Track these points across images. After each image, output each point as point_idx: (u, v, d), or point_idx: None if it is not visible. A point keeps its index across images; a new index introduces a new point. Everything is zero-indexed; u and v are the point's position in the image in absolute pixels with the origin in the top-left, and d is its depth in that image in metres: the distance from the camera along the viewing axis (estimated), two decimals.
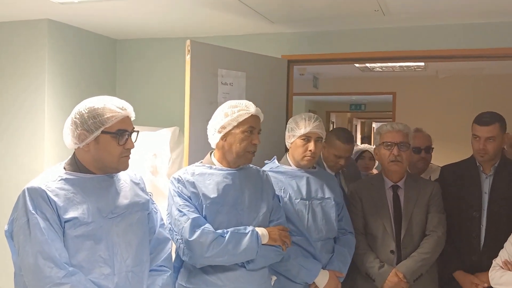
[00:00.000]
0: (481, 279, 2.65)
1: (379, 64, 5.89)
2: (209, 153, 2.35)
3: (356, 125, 15.41)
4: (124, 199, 1.91)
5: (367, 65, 5.95)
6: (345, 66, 6.11)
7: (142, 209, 1.97)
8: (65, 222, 1.73)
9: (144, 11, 3.31)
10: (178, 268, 2.25)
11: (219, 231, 2.13)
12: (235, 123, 2.22)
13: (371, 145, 4.56)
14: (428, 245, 2.62)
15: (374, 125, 17.33)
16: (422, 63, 5.67)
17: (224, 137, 2.25)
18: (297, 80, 6.43)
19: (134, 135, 1.90)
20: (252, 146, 2.24)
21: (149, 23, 3.67)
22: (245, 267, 2.19)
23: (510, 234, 2.51)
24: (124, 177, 1.98)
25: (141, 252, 1.91)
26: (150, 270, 1.95)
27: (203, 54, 2.93)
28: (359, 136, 14.65)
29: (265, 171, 2.47)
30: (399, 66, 5.98)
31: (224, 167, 2.28)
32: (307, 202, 2.53)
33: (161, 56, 4.07)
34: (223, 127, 2.23)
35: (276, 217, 2.35)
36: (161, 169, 3.22)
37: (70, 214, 1.73)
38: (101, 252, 1.78)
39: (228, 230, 2.14)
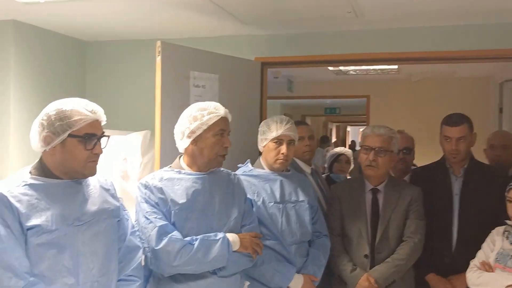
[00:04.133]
0: (454, 284, 2.65)
1: (353, 68, 5.92)
2: (178, 157, 2.29)
3: (331, 129, 15.52)
4: (92, 206, 1.83)
5: (341, 68, 5.97)
6: (319, 69, 6.12)
7: (111, 216, 1.90)
8: (27, 229, 1.65)
9: (113, 11, 3.23)
10: (147, 277, 2.18)
11: (188, 238, 2.07)
12: (205, 127, 2.16)
13: (346, 148, 4.60)
14: (404, 251, 2.60)
15: (349, 128, 17.49)
16: (396, 66, 5.72)
17: (194, 142, 2.19)
18: (272, 83, 6.42)
19: (104, 139, 1.83)
20: (224, 149, 2.19)
21: (118, 24, 3.59)
22: (216, 274, 2.13)
23: (482, 236, 2.52)
24: (93, 183, 1.90)
25: (108, 261, 1.84)
26: (119, 280, 1.89)
27: (174, 55, 2.86)
28: (334, 140, 14.74)
29: (236, 174, 2.43)
30: (373, 69, 6.02)
31: (193, 172, 2.22)
32: (281, 205, 2.50)
33: (131, 58, 3.99)
34: (193, 132, 2.17)
35: (248, 221, 2.31)
36: (132, 174, 3.13)
37: (32, 222, 1.66)
38: (65, 261, 1.71)
39: (197, 237, 2.08)
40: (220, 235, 2.12)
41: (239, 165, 2.67)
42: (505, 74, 5.65)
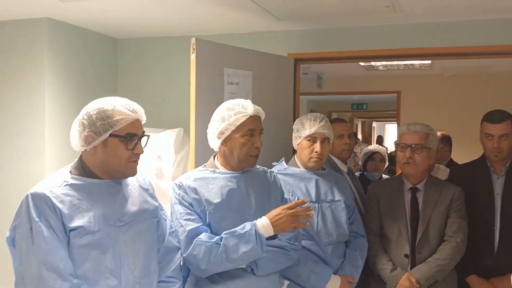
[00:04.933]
0: (496, 285, 2.58)
1: (384, 63, 5.82)
2: (212, 156, 2.27)
3: (356, 125, 15.35)
4: (132, 206, 1.82)
5: (372, 63, 5.88)
6: (350, 65, 6.04)
7: (151, 216, 1.89)
8: (70, 230, 1.64)
9: (146, 8, 3.22)
10: (185, 278, 2.15)
11: (215, 238, 2.01)
12: (233, 128, 2.10)
13: (382, 146, 4.51)
14: (446, 251, 2.53)
15: (374, 124, 17.28)
16: (429, 61, 5.60)
17: (224, 143, 2.15)
18: (301, 79, 6.37)
19: (144, 139, 1.81)
20: (254, 149, 2.14)
21: (151, 21, 3.58)
22: (254, 273, 2.08)
23: None
24: (132, 183, 1.89)
25: (149, 262, 1.82)
26: (159, 282, 1.87)
27: (209, 52, 2.84)
28: (360, 136, 14.57)
29: (272, 172, 2.38)
30: (404, 64, 5.91)
31: (227, 171, 2.19)
32: (317, 205, 2.46)
33: (164, 55, 3.99)
34: (222, 133, 2.13)
35: None
36: (166, 172, 3.13)
37: (75, 223, 1.64)
38: (108, 263, 1.69)
39: (222, 236, 2.01)
40: (247, 226, 2.02)
41: (274, 163, 2.64)
42: None
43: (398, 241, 2.60)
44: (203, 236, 2.00)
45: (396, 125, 8.14)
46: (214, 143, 2.19)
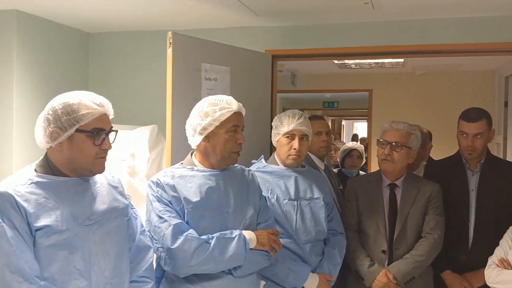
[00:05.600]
0: (470, 281, 2.61)
1: (357, 61, 5.85)
2: (189, 154, 2.21)
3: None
4: (101, 205, 1.75)
5: (346, 61, 5.90)
6: (324, 63, 6.06)
7: (121, 215, 1.82)
8: (36, 230, 1.56)
9: (120, 1, 3.14)
10: (159, 279, 2.10)
11: (204, 236, 1.98)
12: (217, 123, 2.06)
13: (358, 143, 4.57)
14: (423, 247, 2.55)
15: (344, 122, 17.47)
16: (401, 60, 5.66)
17: (206, 139, 2.10)
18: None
19: (112, 135, 1.74)
20: (238, 146, 2.10)
21: (125, 15, 3.49)
22: (232, 274, 2.04)
23: (499, 232, 2.48)
24: (100, 180, 1.81)
25: (120, 262, 1.76)
26: (131, 282, 1.81)
27: (186, 47, 2.77)
28: None
29: (250, 170, 2.34)
30: (375, 63, 5.96)
31: (206, 168, 2.13)
32: (296, 202, 2.43)
33: (138, 50, 3.90)
34: (204, 128, 2.08)
35: (264, 218, 2.23)
36: (140, 170, 3.04)
37: (42, 222, 1.57)
38: (77, 263, 1.62)
39: (213, 235, 2.00)
40: (236, 232, 2.04)
41: (253, 161, 2.60)
42: (511, 68, 5.59)
43: (376, 237, 2.60)
44: (194, 232, 1.96)
45: (366, 123, 8.21)
46: (194, 139, 2.12)
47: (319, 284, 2.37)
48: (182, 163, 2.18)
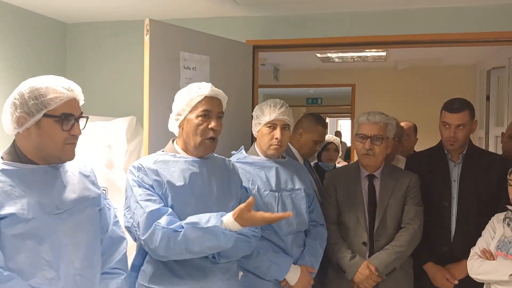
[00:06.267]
0: (452, 273, 2.60)
1: (340, 54, 5.83)
2: (171, 141, 2.16)
3: None
4: (71, 193, 1.69)
5: (329, 55, 5.87)
6: (306, 57, 6.02)
7: (93, 204, 1.76)
8: (1, 219, 1.50)
9: None
10: (138, 267, 2.04)
11: (175, 224, 1.87)
12: (189, 108, 2.03)
13: (336, 136, 4.54)
14: (403, 238, 2.53)
15: (328, 120, 17.48)
16: (383, 53, 5.65)
17: (181, 125, 2.07)
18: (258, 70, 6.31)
19: (82, 121, 1.68)
20: (209, 131, 2.02)
21: (103, 5, 3.40)
22: (216, 261, 2.00)
23: (481, 223, 2.47)
24: (72, 169, 1.75)
25: (91, 253, 1.70)
26: (102, 273, 1.76)
27: (164, 34, 2.70)
28: None
29: (231, 160, 2.30)
30: (358, 56, 5.94)
31: (189, 156, 2.08)
32: (277, 193, 2.40)
33: (117, 41, 3.81)
34: (179, 114, 2.06)
35: None
36: (117, 162, 2.97)
37: (6, 210, 1.51)
38: (45, 254, 1.56)
39: (183, 224, 1.88)
40: (212, 220, 1.89)
41: (233, 152, 2.55)
42: (492, 62, 5.62)
43: (356, 229, 2.58)
44: (163, 221, 1.87)
45: (349, 121, 8.20)
46: (172, 126, 2.11)
47: (301, 276, 2.34)
48: (163, 151, 2.13)
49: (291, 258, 2.35)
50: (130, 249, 1.96)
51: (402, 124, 3.45)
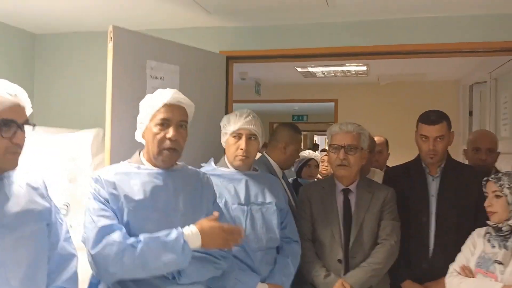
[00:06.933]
0: None
1: (321, 69, 5.77)
2: (137, 151, 2.04)
3: None
4: (14, 206, 1.55)
5: (309, 70, 5.82)
6: (287, 71, 5.97)
7: (39, 219, 1.63)
8: None
9: (65, 2, 2.99)
10: (96, 285, 1.90)
11: (131, 239, 1.76)
12: (149, 117, 1.94)
13: (316, 152, 4.44)
14: (380, 254, 2.43)
15: (316, 138, 17.44)
16: (364, 67, 5.61)
17: (143, 134, 1.98)
18: (239, 86, 6.23)
19: (28, 128, 1.56)
20: (167, 141, 1.91)
21: (71, 15, 3.33)
22: (176, 281, 1.84)
23: (460, 239, 2.38)
24: (19, 180, 1.62)
25: (34, 272, 1.56)
26: None
27: (129, 42, 2.59)
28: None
29: (206, 173, 2.17)
30: (341, 71, 5.89)
31: (154, 167, 1.96)
32: (246, 207, 2.28)
33: (85, 52, 3.71)
34: (141, 122, 1.98)
35: None
36: (81, 176, 2.83)
37: None
38: None
39: (141, 238, 1.77)
40: (173, 234, 1.79)
41: (202, 164, 2.43)
42: (474, 77, 5.60)
43: (332, 245, 2.48)
44: (116, 236, 1.75)
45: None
46: (137, 135, 2.02)
47: None
48: (129, 161, 2.01)
49: (258, 276, 2.22)
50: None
51: (375, 138, 3.41)
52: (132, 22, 3.36)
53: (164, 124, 1.91)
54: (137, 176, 1.90)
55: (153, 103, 1.93)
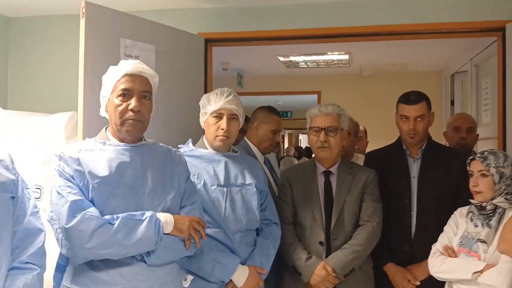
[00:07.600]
0: (414, 274, 2.47)
1: (303, 59, 5.72)
2: (104, 128, 1.96)
3: (283, 136, 15.30)
4: None
5: (292, 59, 5.77)
6: (269, 61, 5.91)
7: (2, 190, 1.56)
8: None
9: None
10: (64, 267, 1.84)
11: (107, 216, 1.72)
12: (111, 88, 1.88)
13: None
14: (362, 236, 2.39)
15: (301, 137, 17.38)
16: (346, 57, 5.58)
17: (106, 108, 1.91)
18: (221, 77, 6.17)
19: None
20: (129, 112, 1.83)
21: None
22: (145, 261, 1.78)
23: (442, 220, 2.36)
24: None
25: None
26: (12, 268, 1.56)
27: (102, 19, 2.50)
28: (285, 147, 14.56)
29: (178, 151, 2.10)
30: (322, 60, 5.85)
31: (120, 143, 1.89)
32: (225, 189, 2.21)
33: (60, 35, 3.60)
34: (104, 96, 1.91)
35: (190, 201, 1.97)
36: (54, 159, 2.73)
37: None
38: None
39: (119, 215, 1.73)
40: (148, 214, 1.78)
41: (179, 146, 2.36)
42: (455, 67, 5.60)
43: (313, 228, 2.43)
44: (94, 211, 1.70)
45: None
46: (102, 109, 1.95)
47: (249, 277, 2.15)
48: (95, 138, 1.94)
49: (238, 258, 2.16)
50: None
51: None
52: (110, 2, 3.27)
53: (126, 94, 1.84)
54: (102, 153, 1.84)
55: (114, 74, 1.86)
